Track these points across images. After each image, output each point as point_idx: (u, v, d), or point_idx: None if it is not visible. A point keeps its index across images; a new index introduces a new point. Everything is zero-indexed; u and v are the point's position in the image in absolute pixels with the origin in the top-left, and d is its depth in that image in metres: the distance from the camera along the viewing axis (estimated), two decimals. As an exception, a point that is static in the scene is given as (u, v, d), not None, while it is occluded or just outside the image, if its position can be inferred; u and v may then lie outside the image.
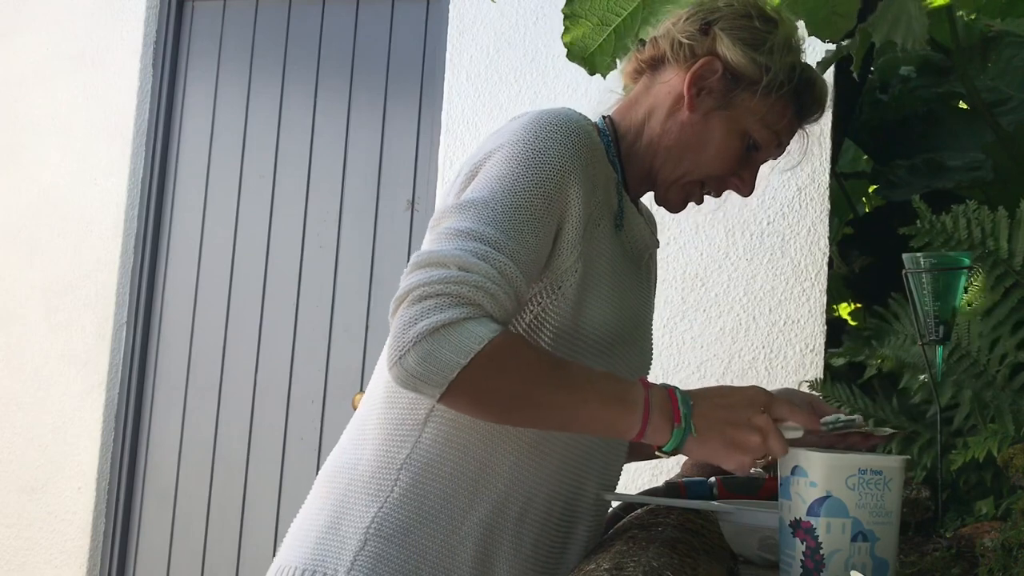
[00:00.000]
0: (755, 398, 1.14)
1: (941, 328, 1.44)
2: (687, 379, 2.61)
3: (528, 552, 1.26)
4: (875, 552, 1.05)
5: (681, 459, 2.31)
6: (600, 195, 1.25)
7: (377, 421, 1.27)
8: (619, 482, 1.47)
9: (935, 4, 2.09)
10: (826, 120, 2.59)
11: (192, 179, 3.39)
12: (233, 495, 3.20)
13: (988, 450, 1.46)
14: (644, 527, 1.40)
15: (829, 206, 2.60)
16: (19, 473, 3.30)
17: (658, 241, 1.44)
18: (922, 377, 1.76)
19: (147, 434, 3.31)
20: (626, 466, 1.45)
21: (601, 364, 1.24)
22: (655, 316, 2.66)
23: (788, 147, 1.39)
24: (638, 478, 2.49)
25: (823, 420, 1.23)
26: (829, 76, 2.58)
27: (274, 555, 1.35)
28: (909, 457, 1.44)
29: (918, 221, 1.80)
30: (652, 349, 1.44)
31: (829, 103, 1.43)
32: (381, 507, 1.20)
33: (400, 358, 1.06)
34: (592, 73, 1.87)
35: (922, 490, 1.50)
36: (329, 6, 3.34)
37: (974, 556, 1.20)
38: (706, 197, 1.41)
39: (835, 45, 1.93)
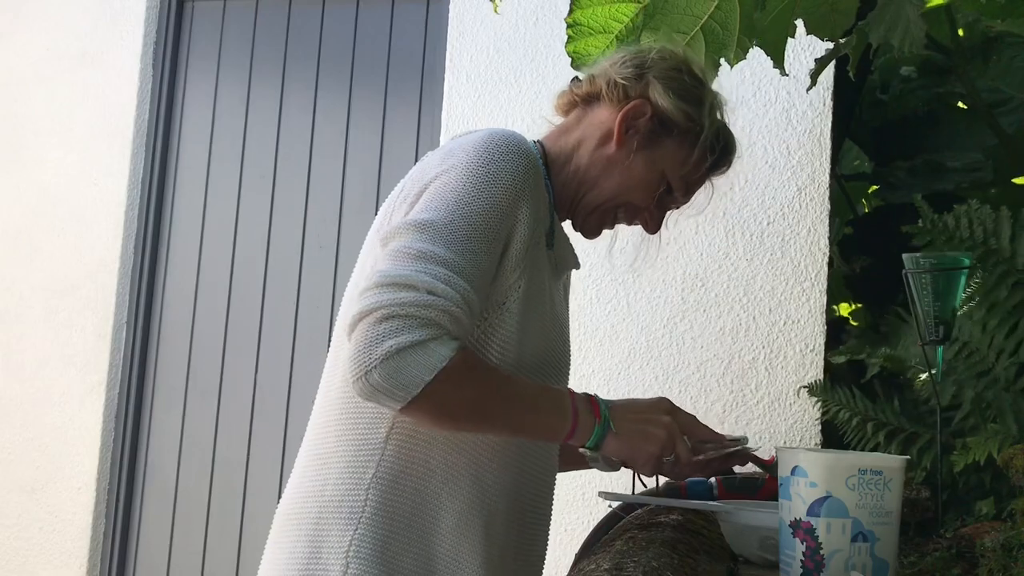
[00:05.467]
0: (660, 403, 1.35)
1: (941, 328, 1.44)
2: (687, 379, 2.61)
3: (497, 557, 1.31)
4: (875, 552, 1.05)
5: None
6: (541, 215, 1.32)
7: (336, 443, 1.30)
8: (619, 481, 1.49)
9: (933, 3, 2.09)
10: (826, 120, 2.60)
11: (192, 179, 3.39)
12: (233, 495, 3.20)
13: (988, 451, 1.46)
14: (644, 527, 1.40)
15: (829, 206, 2.60)
16: (19, 473, 3.30)
17: (579, 262, 1.52)
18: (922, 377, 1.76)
19: (147, 434, 3.31)
20: (628, 466, 1.47)
21: (537, 366, 1.34)
22: (655, 316, 2.67)
23: (695, 196, 1.50)
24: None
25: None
26: (829, 76, 2.59)
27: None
28: (909, 457, 1.44)
29: (920, 220, 1.80)
30: (570, 353, 1.53)
31: (825, 107, 1.51)
32: (356, 528, 1.25)
33: (366, 373, 1.13)
34: None
35: (922, 490, 1.50)
36: (329, 6, 3.34)
37: (974, 556, 1.20)
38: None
39: (832, 44, 1.93)
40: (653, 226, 1.48)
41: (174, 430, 3.29)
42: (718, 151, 1.43)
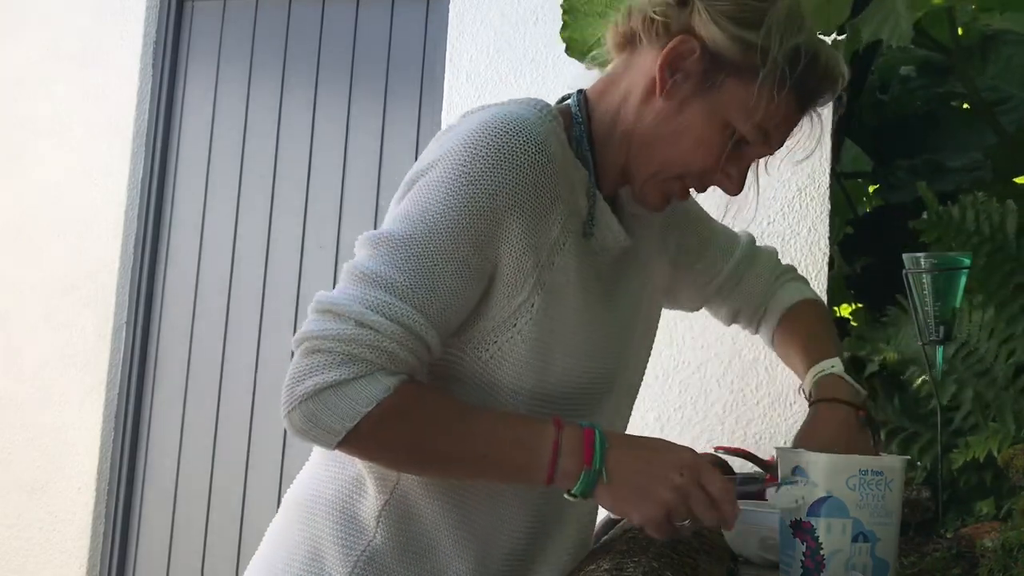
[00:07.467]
0: (679, 456, 1.06)
1: (941, 328, 1.44)
2: (687, 379, 2.61)
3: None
4: (875, 552, 1.05)
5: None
6: (562, 208, 1.11)
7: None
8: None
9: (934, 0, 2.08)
10: (826, 120, 2.60)
11: (192, 179, 3.39)
12: (233, 495, 3.20)
13: (988, 450, 1.46)
14: (644, 527, 1.39)
15: (829, 206, 2.60)
16: (19, 473, 3.30)
17: (627, 237, 1.21)
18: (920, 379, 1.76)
19: (147, 434, 3.31)
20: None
21: (567, 394, 1.15)
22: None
23: (794, 136, 1.20)
24: (638, 478, 2.49)
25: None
26: (829, 76, 2.58)
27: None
28: (909, 457, 1.44)
29: (925, 213, 1.79)
30: (642, 361, 1.34)
31: (825, 107, 1.27)
32: (364, 551, 1.14)
33: (288, 413, 1.04)
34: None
35: (922, 490, 1.50)
36: (329, 6, 3.34)
37: (974, 556, 1.20)
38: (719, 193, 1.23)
39: (827, 38, 1.94)
40: (733, 187, 1.18)
41: (174, 430, 3.28)
42: (795, 77, 1.11)
